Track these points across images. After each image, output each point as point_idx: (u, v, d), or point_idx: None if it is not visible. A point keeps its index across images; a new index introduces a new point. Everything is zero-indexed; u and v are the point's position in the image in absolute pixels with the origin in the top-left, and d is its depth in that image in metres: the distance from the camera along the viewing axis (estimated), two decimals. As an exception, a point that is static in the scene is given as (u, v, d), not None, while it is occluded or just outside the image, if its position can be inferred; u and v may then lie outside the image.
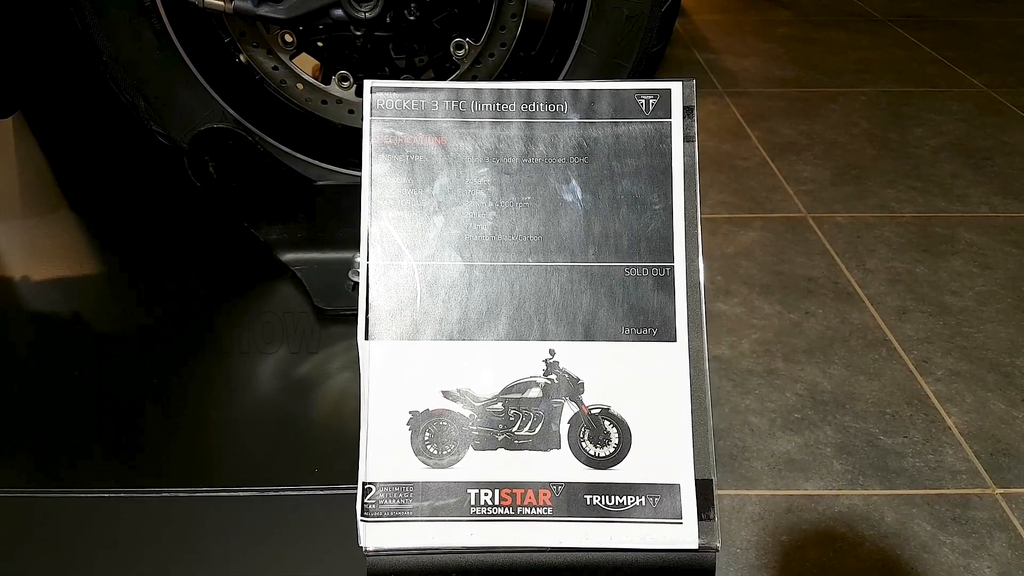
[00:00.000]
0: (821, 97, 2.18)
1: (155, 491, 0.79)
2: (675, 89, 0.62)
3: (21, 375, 0.97)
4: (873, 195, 1.69)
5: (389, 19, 1.03)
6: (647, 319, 0.59)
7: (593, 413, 0.58)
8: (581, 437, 0.58)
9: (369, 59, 1.12)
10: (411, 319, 0.59)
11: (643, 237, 0.60)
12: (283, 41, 1.10)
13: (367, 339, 0.59)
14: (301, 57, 1.14)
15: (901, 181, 1.75)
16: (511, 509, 0.57)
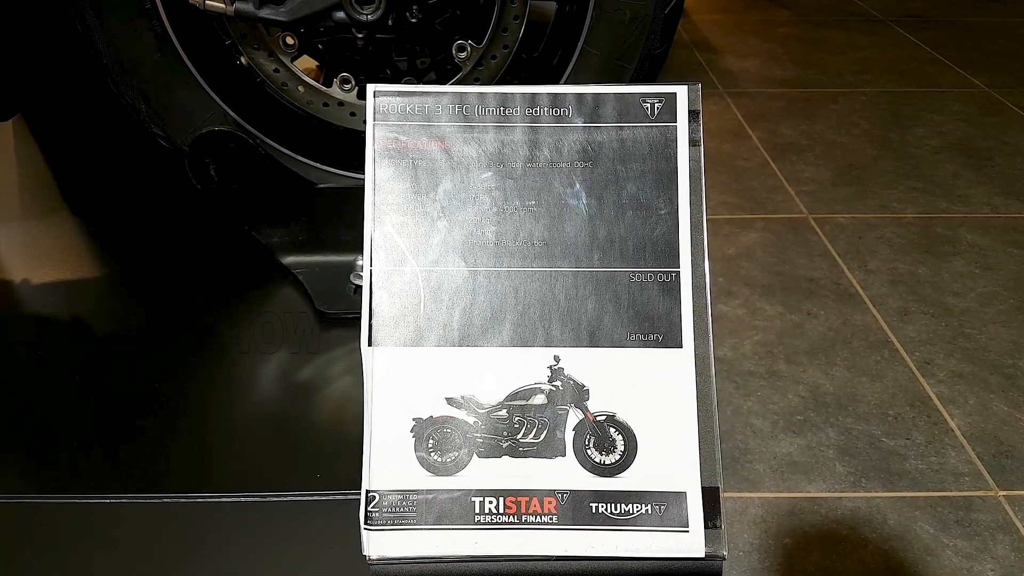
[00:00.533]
0: (821, 97, 2.18)
1: (155, 496, 0.78)
2: (680, 93, 0.61)
3: (20, 378, 0.96)
4: (874, 195, 1.69)
5: (391, 21, 1.03)
6: (653, 325, 0.58)
7: (598, 420, 0.58)
8: (586, 444, 0.58)
9: (371, 61, 1.12)
10: (414, 325, 0.59)
11: (648, 242, 0.59)
12: (284, 43, 1.09)
13: (370, 345, 0.59)
14: (302, 59, 1.14)
15: (902, 181, 1.75)
16: (516, 517, 0.57)
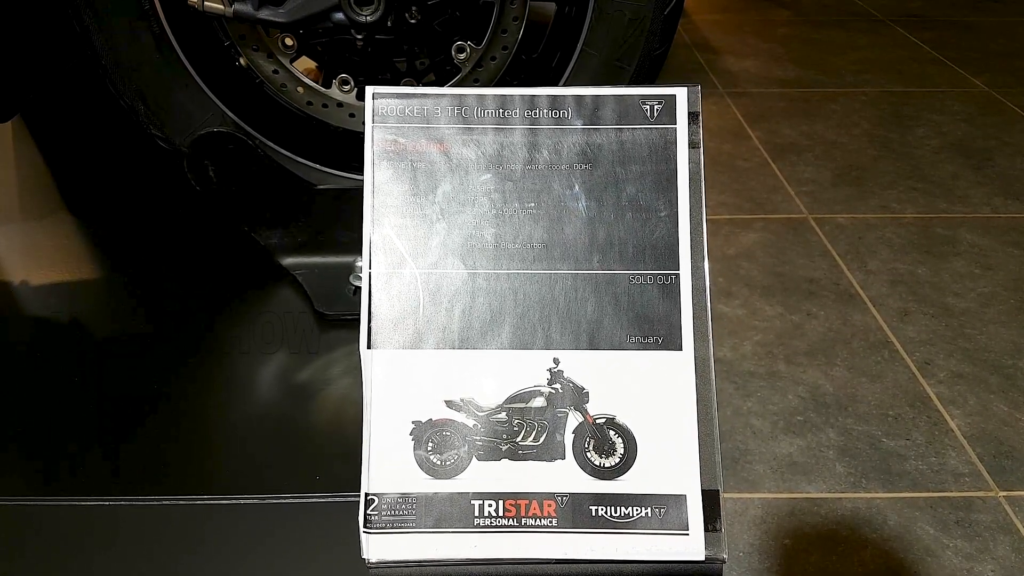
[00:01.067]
0: (822, 97, 2.18)
1: (154, 498, 0.78)
2: (680, 95, 0.61)
3: (20, 378, 0.96)
4: (874, 196, 1.69)
5: (390, 22, 1.03)
6: (652, 327, 0.58)
7: (598, 423, 0.58)
8: (586, 447, 0.58)
9: (370, 62, 1.11)
10: (414, 328, 0.59)
11: (648, 244, 0.59)
12: (283, 44, 1.09)
13: (369, 348, 0.58)
14: (301, 60, 1.13)
15: (902, 182, 1.74)
16: (515, 520, 0.57)
